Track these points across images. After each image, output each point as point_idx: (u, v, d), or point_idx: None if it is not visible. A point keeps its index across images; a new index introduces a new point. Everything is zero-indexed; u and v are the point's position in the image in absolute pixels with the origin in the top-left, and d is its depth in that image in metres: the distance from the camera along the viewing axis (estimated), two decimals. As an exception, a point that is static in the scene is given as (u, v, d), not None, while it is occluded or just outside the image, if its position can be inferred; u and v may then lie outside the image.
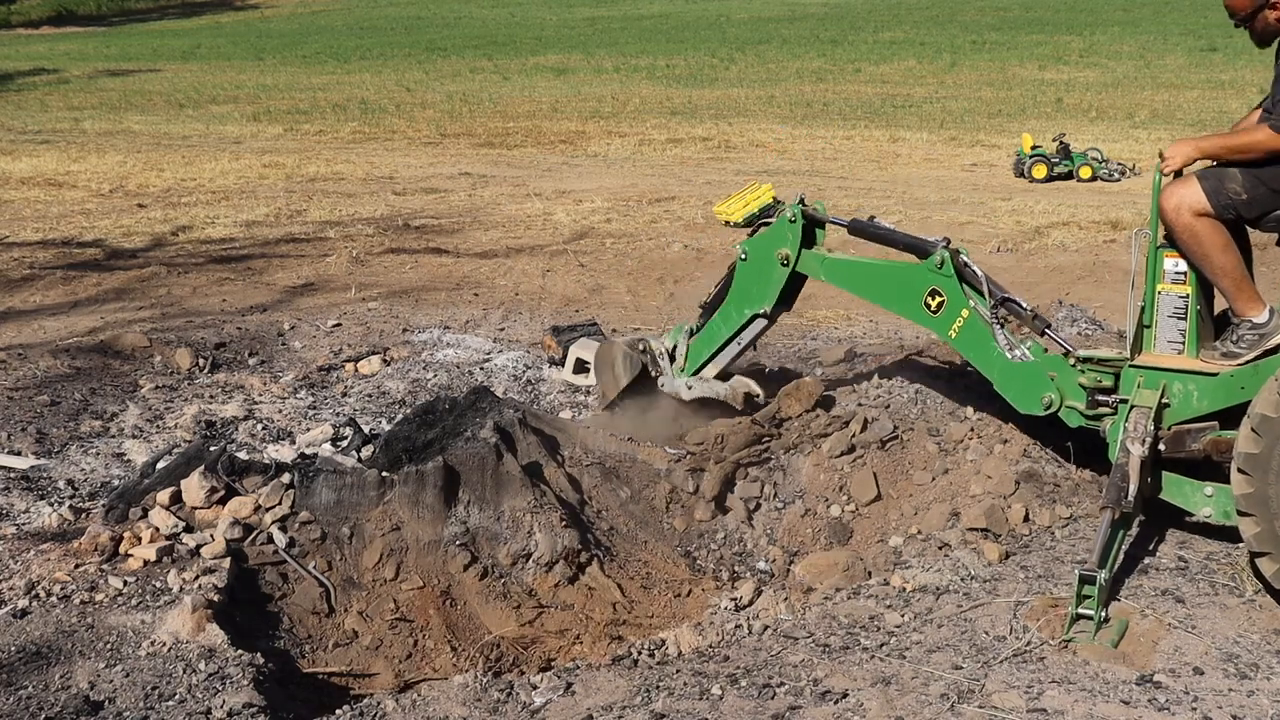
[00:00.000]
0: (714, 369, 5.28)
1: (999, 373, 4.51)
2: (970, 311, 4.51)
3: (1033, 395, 4.43)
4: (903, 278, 4.69)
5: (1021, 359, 4.44)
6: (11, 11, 54.03)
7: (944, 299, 4.55)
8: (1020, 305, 4.61)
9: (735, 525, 5.02)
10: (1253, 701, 3.38)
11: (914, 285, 4.62)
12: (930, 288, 4.58)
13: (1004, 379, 4.51)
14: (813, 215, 4.94)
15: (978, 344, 4.53)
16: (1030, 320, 4.60)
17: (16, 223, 11.86)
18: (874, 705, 3.37)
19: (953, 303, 4.54)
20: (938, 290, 4.56)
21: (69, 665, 3.63)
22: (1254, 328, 4.11)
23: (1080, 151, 14.59)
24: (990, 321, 4.50)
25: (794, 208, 4.92)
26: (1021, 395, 4.48)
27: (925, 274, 4.59)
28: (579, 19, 45.55)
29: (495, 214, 12.35)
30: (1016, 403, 4.51)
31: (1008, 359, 4.46)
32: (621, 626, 4.42)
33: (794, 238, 4.91)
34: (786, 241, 4.93)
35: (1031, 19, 39.51)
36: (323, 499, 4.57)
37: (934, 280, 4.56)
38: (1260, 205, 4.02)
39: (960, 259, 4.57)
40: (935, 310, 4.58)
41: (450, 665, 4.14)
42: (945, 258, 4.53)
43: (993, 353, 4.49)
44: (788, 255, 4.92)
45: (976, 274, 4.57)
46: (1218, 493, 4.06)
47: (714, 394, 5.27)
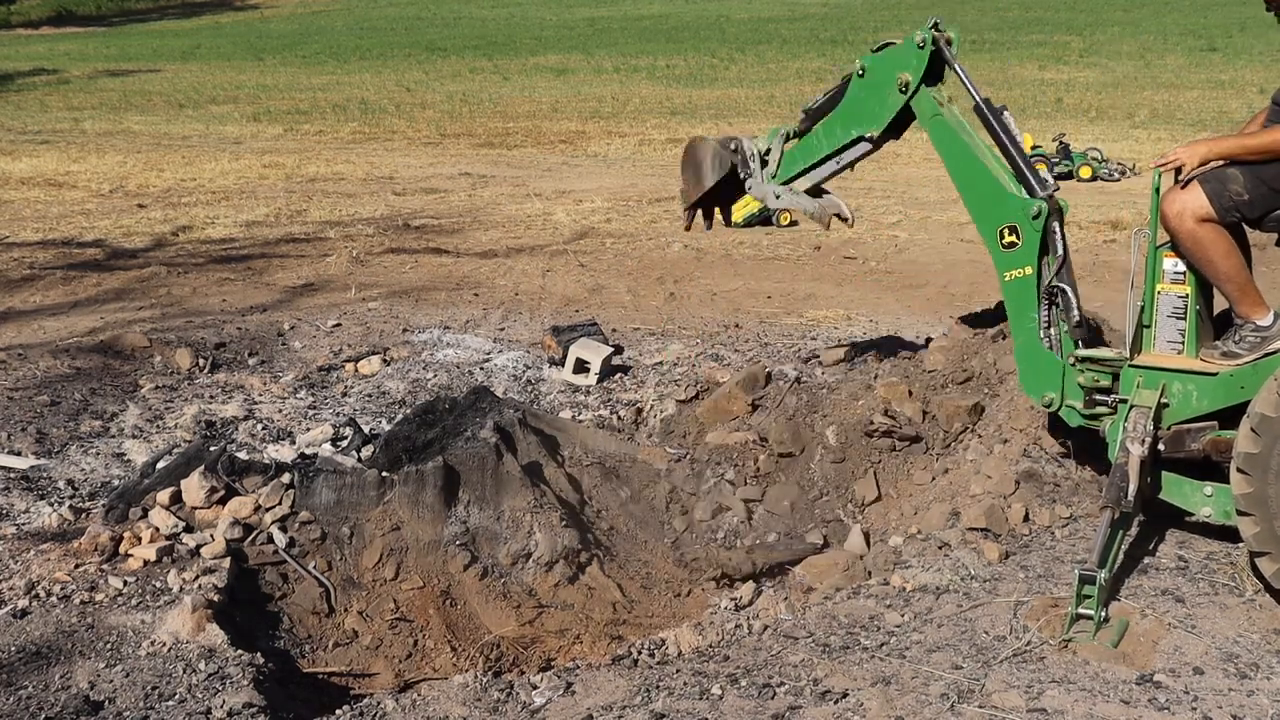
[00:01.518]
0: (807, 182, 4.96)
1: (1023, 342, 4.42)
2: (1034, 271, 4.34)
3: (1039, 385, 4.40)
4: (994, 195, 4.41)
5: (1048, 345, 4.39)
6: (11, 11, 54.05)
7: (1019, 243, 4.34)
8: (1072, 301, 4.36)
9: (735, 525, 5.03)
10: (1253, 701, 3.38)
11: (1001, 210, 4.38)
12: (1011, 223, 4.35)
13: (1024, 351, 4.43)
14: (944, 51, 4.54)
15: (1020, 304, 4.39)
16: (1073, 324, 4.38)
17: (16, 223, 11.86)
18: (874, 705, 3.37)
19: (1023, 252, 4.33)
20: (1018, 230, 4.34)
21: (69, 665, 3.63)
22: (1257, 330, 4.11)
23: (1080, 151, 14.60)
24: (1042, 293, 4.36)
25: (925, 31, 4.52)
26: (1029, 377, 4.44)
27: (1016, 210, 4.34)
28: (579, 19, 45.56)
29: (495, 214, 12.35)
30: (1022, 380, 4.47)
31: (1038, 336, 4.40)
32: (621, 626, 4.42)
33: (919, 64, 4.53)
34: (910, 66, 4.55)
35: (1031, 19, 39.53)
36: (323, 499, 4.57)
37: (1020, 220, 4.33)
38: (1262, 205, 4.02)
39: (1052, 223, 4.35)
40: (1006, 245, 4.37)
41: (450, 665, 4.14)
42: (1043, 209, 4.30)
43: (1029, 321, 4.39)
44: (908, 82, 4.55)
45: (1058, 246, 4.34)
46: (1217, 492, 4.05)
47: (802, 208, 4.97)
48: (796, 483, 5.10)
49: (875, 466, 5.06)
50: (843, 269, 9.92)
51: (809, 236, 11.12)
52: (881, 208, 12.49)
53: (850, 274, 9.71)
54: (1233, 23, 34.62)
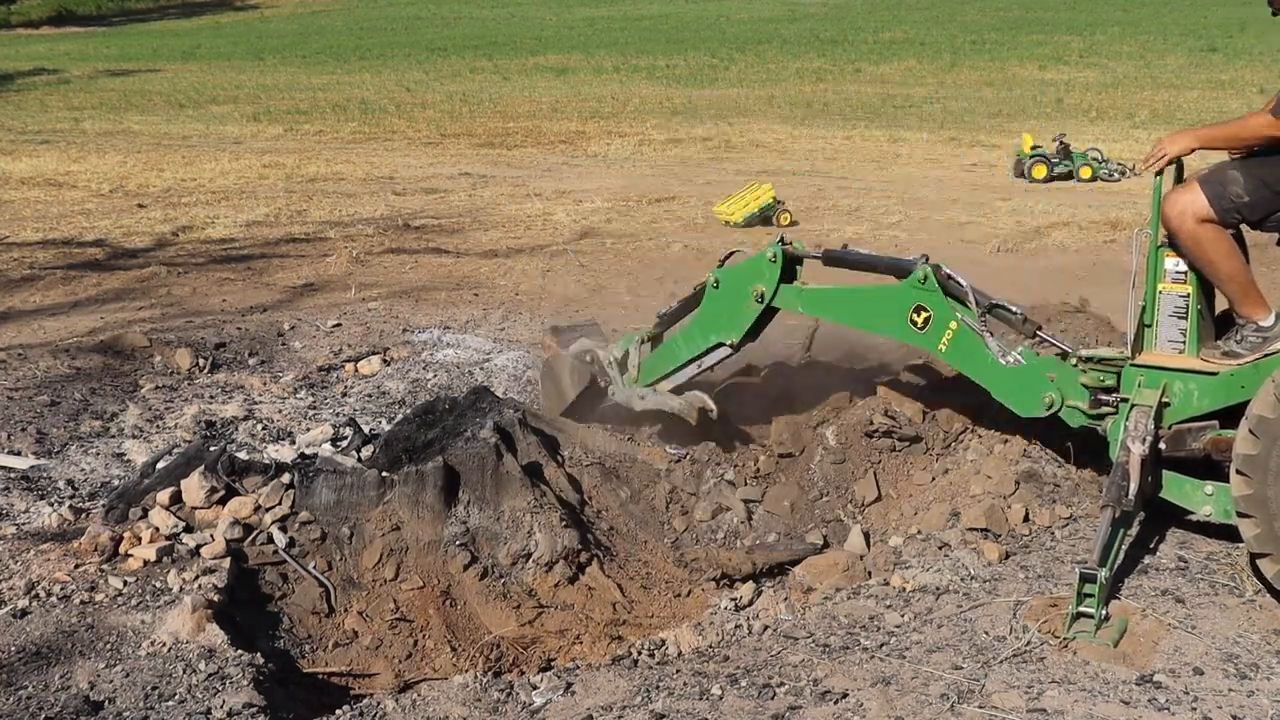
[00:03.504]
0: (669, 384, 5.22)
1: (994, 380, 4.48)
2: (958, 323, 4.47)
3: (1032, 398, 4.41)
4: (886, 299, 4.64)
5: (1015, 364, 4.43)
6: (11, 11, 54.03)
7: (930, 314, 4.50)
8: (1009, 310, 4.57)
9: (735, 525, 5.02)
10: (1253, 701, 3.38)
11: (898, 304, 4.58)
12: (915, 304, 4.53)
13: (1000, 386, 4.48)
14: (793, 253, 4.89)
15: (970, 354, 4.50)
16: (1020, 324, 4.58)
17: (16, 223, 11.86)
18: (874, 705, 3.37)
19: (940, 317, 4.49)
20: (923, 306, 4.51)
21: (69, 665, 3.63)
22: (1258, 330, 4.11)
23: (1080, 151, 14.59)
24: (980, 331, 4.46)
25: (774, 246, 4.85)
26: (1020, 399, 4.46)
27: (909, 291, 4.54)
28: (579, 19, 45.56)
29: (495, 214, 12.35)
30: (1016, 407, 4.49)
31: (1001, 365, 4.44)
32: (621, 626, 4.42)
33: (771, 276, 4.85)
34: (764, 279, 4.87)
35: (1031, 19, 39.52)
36: (323, 499, 4.57)
37: (918, 297, 4.52)
38: (1263, 207, 4.02)
39: (943, 272, 4.53)
40: (922, 327, 4.53)
41: (450, 665, 4.14)
42: (928, 273, 4.49)
43: (986, 361, 4.46)
44: (764, 293, 4.87)
45: (960, 285, 4.52)
46: (1218, 491, 4.06)
47: (668, 407, 5.19)
48: (796, 483, 5.10)
49: (875, 466, 5.07)
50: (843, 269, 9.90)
51: (809, 236, 11.12)
52: (881, 208, 12.49)
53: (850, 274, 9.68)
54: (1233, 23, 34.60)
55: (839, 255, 4.96)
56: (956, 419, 5.13)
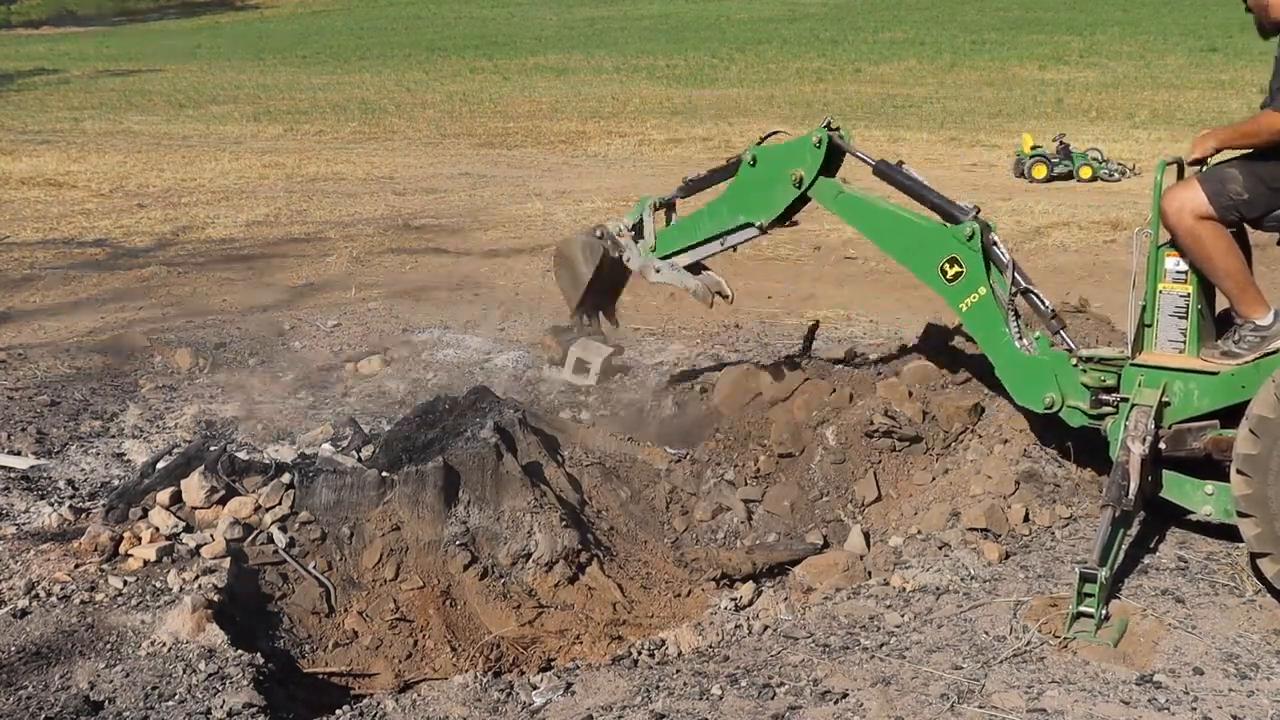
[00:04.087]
0: (688, 259, 5.00)
1: (1004, 359, 4.44)
2: (987, 290, 4.39)
3: (1034, 391, 4.41)
4: (925, 237, 4.49)
5: (1027, 351, 4.41)
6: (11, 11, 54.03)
7: (964, 271, 4.39)
8: (1042, 300, 4.48)
9: (735, 525, 5.02)
10: (1253, 701, 3.38)
11: (936, 248, 4.44)
12: (951, 255, 4.41)
13: (1007, 366, 4.44)
14: (838, 143, 4.66)
15: (987, 325, 4.43)
16: (1048, 319, 4.50)
17: (16, 223, 11.86)
18: (874, 705, 3.37)
19: (972, 277, 4.39)
20: (958, 260, 4.40)
21: (69, 665, 3.63)
22: (1256, 329, 4.11)
23: (1080, 151, 14.59)
24: (1006, 307, 4.41)
25: (819, 130, 4.65)
26: (1022, 388, 4.45)
27: (950, 241, 4.41)
28: (579, 19, 45.55)
29: (495, 214, 12.35)
30: (1015, 393, 4.48)
31: (1015, 347, 4.42)
32: (621, 626, 4.42)
33: (813, 161, 4.63)
34: (804, 163, 4.65)
35: (1031, 19, 39.51)
36: (323, 499, 4.57)
37: (957, 249, 4.40)
38: (1262, 205, 4.02)
39: (990, 236, 4.43)
40: (951, 279, 4.43)
41: (450, 665, 4.14)
42: (975, 231, 4.37)
43: (1001, 337, 4.42)
44: (802, 177, 4.65)
45: (1002, 257, 4.41)
46: (1218, 491, 4.06)
47: (683, 285, 4.99)
48: (796, 483, 5.10)
49: (875, 466, 5.06)
50: (843, 269, 9.91)
51: (809, 237, 11.12)
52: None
53: (850, 274, 9.70)
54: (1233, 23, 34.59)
55: (891, 172, 4.67)
56: (956, 419, 5.13)
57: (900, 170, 4.68)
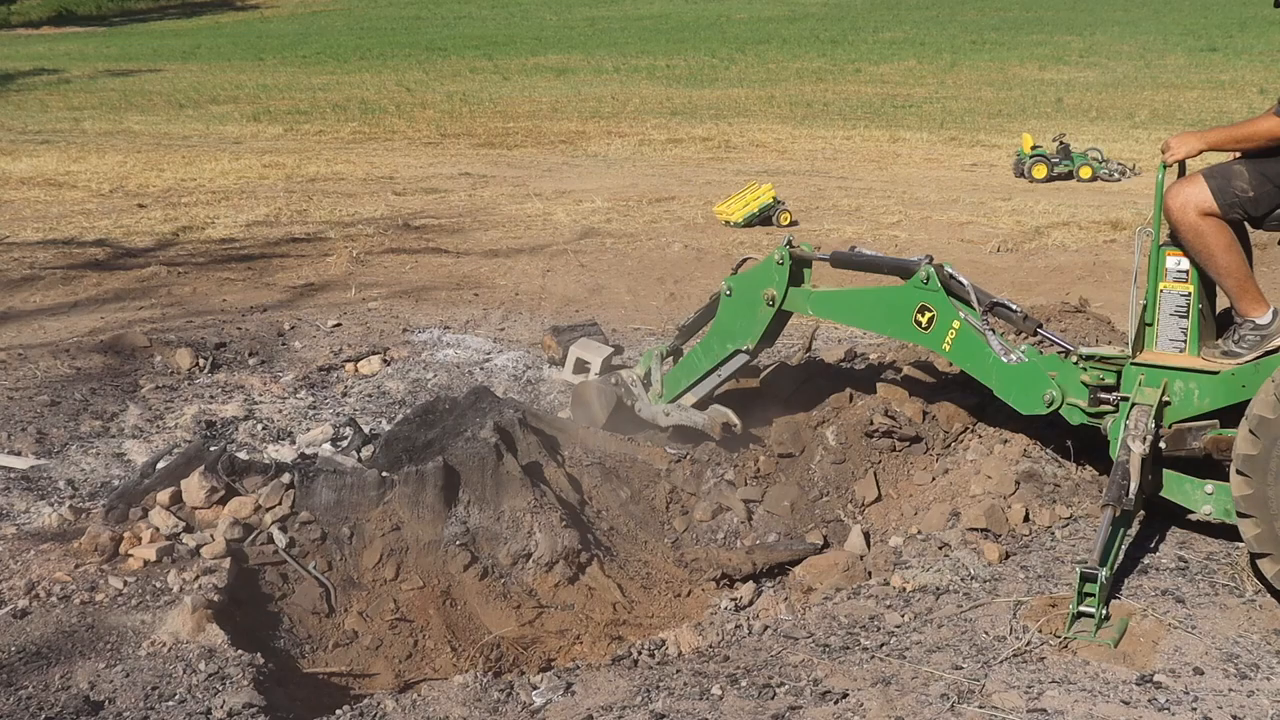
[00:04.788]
0: (692, 399, 5.28)
1: (997, 378, 4.50)
2: (961, 323, 4.51)
3: (1034, 395, 4.42)
4: (890, 300, 4.70)
5: (1017, 362, 4.44)
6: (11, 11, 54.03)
7: (934, 314, 4.55)
8: (1010, 308, 4.61)
9: (735, 525, 5.02)
10: (1253, 701, 3.38)
11: (903, 305, 4.63)
12: (919, 304, 4.58)
13: (1003, 384, 4.50)
14: (800, 255, 4.94)
15: (973, 353, 4.53)
16: (1021, 322, 4.61)
17: (16, 223, 11.86)
18: (874, 705, 3.37)
19: (943, 316, 4.54)
20: (927, 306, 4.56)
21: (69, 665, 3.63)
22: (1256, 328, 4.11)
23: (1080, 151, 14.58)
24: (982, 329, 4.50)
25: (781, 250, 4.92)
26: (1022, 397, 4.47)
27: (912, 292, 4.59)
28: (579, 19, 45.55)
29: (495, 214, 12.35)
30: (1018, 405, 4.50)
31: (1004, 364, 4.45)
32: (621, 626, 4.42)
33: (780, 279, 4.92)
34: (773, 282, 4.94)
35: (1031, 19, 39.52)
36: (323, 499, 4.57)
37: (922, 297, 4.57)
38: (1267, 203, 4.02)
39: (945, 272, 4.59)
40: (926, 327, 4.58)
41: (450, 665, 4.14)
42: (930, 273, 4.54)
43: (989, 360, 4.49)
44: (774, 296, 4.93)
45: (963, 284, 4.58)
46: (1218, 490, 4.06)
47: (691, 423, 5.26)
48: (796, 483, 5.10)
49: (875, 466, 5.07)
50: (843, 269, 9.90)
51: (809, 237, 11.12)
52: (881, 208, 12.49)
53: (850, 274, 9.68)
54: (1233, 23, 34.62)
55: (845, 257, 5.03)
56: (956, 419, 5.14)
57: (853, 253, 5.05)
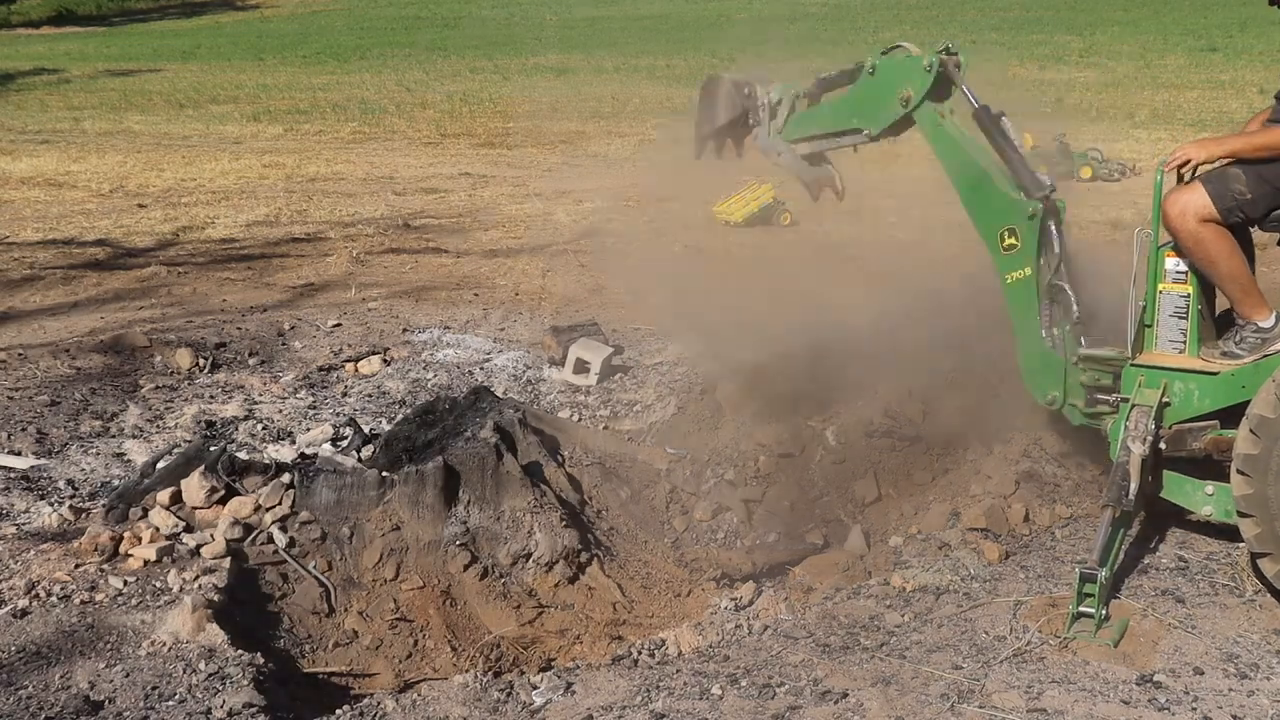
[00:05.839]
0: (809, 148, 5.02)
1: (1027, 343, 4.43)
2: (1033, 272, 4.38)
3: (1041, 384, 4.41)
4: (995, 201, 4.48)
5: (1050, 345, 4.39)
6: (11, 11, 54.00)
7: (1018, 245, 4.38)
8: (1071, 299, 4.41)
9: (735, 525, 5.02)
10: (1253, 701, 3.38)
11: (1001, 214, 4.44)
12: (1011, 225, 4.40)
13: (1028, 352, 4.44)
14: (951, 74, 4.63)
15: (1023, 304, 4.42)
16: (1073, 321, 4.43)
17: (16, 223, 11.85)
18: (874, 705, 3.37)
19: (1023, 253, 4.38)
20: (1016, 232, 4.39)
21: (69, 665, 3.63)
22: (1258, 331, 4.10)
23: (1080, 151, 14.57)
24: (1043, 295, 4.39)
25: (934, 56, 4.61)
26: (1033, 376, 4.45)
27: (1014, 212, 4.39)
28: (579, 19, 45.53)
29: (495, 214, 12.34)
30: (1025, 379, 4.48)
31: (1040, 336, 4.40)
32: (621, 626, 4.42)
33: (921, 84, 4.61)
34: (915, 84, 4.63)
35: (1031, 19, 39.49)
36: (323, 499, 4.57)
37: (1018, 222, 4.39)
38: (1265, 204, 4.02)
39: (1051, 221, 4.39)
40: (1006, 248, 4.42)
41: (450, 665, 4.14)
42: (1039, 211, 4.35)
43: (1031, 321, 4.40)
44: (909, 98, 4.64)
45: (1054, 245, 4.38)
46: (1218, 491, 4.06)
47: (798, 173, 5.03)
48: (796, 483, 5.10)
49: (875, 466, 5.06)
50: (843, 269, 9.90)
51: (809, 237, 11.11)
52: (882, 208, 12.47)
53: (850, 274, 9.68)
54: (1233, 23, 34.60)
55: (989, 123, 4.62)
56: (956, 419, 5.13)
57: (997, 124, 4.62)
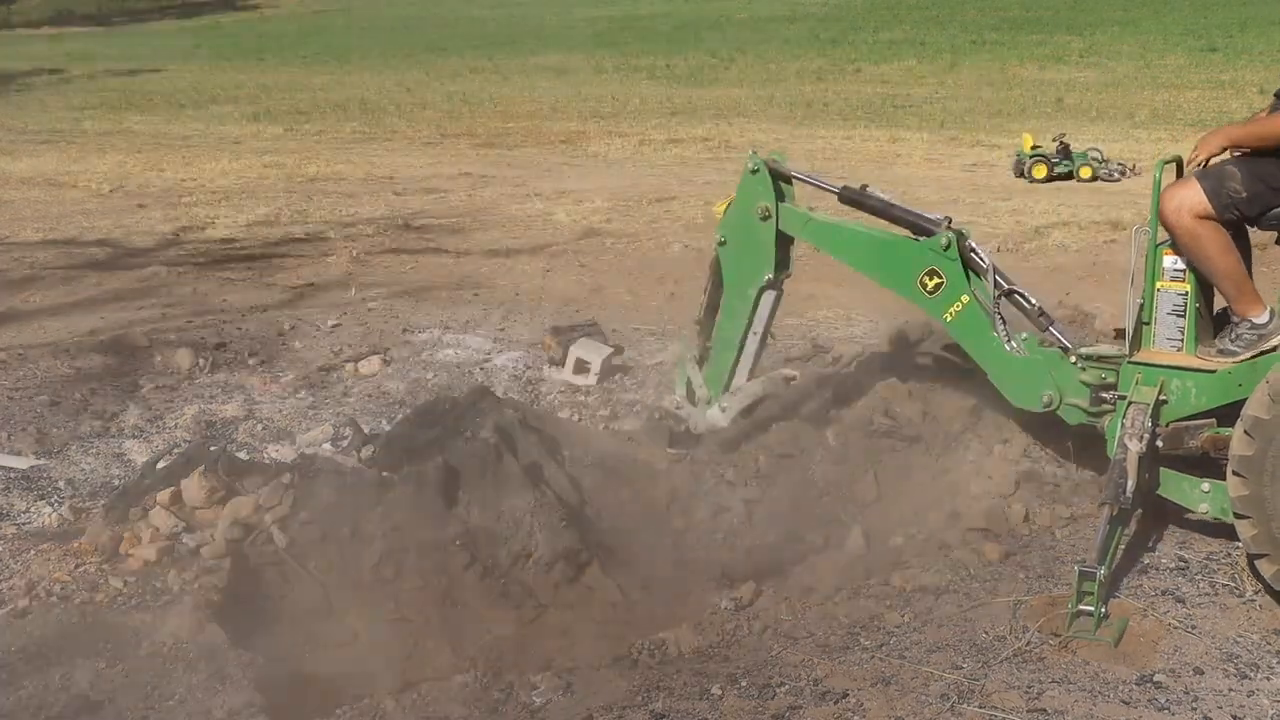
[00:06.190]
0: (743, 375, 4.96)
1: (995, 364, 4.41)
2: (970, 298, 4.37)
3: (1031, 391, 4.39)
4: (899, 253, 4.46)
5: (1018, 353, 4.39)
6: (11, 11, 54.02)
7: (943, 281, 4.36)
8: (1027, 299, 4.47)
9: (735, 525, 5.02)
10: (1253, 701, 3.38)
11: (912, 262, 4.42)
12: (929, 267, 4.38)
13: (1000, 371, 4.42)
14: (775, 167, 4.62)
15: (975, 331, 4.40)
16: (1035, 317, 4.49)
17: (16, 223, 11.85)
18: (874, 705, 3.37)
19: (953, 286, 4.37)
20: (937, 272, 4.37)
21: (69, 665, 3.63)
22: (1253, 328, 4.11)
23: (1080, 151, 14.57)
24: (991, 312, 4.39)
25: (751, 156, 4.61)
26: (1018, 390, 4.43)
27: (925, 253, 4.38)
28: (579, 19, 45.52)
29: (495, 214, 12.35)
30: (1013, 397, 4.46)
31: (1005, 352, 4.40)
32: (621, 626, 4.42)
33: (764, 188, 4.59)
34: (758, 194, 4.62)
35: (1031, 19, 39.48)
36: (323, 499, 4.57)
37: (934, 261, 4.36)
38: (1260, 203, 4.03)
39: (966, 243, 4.41)
40: (932, 291, 4.40)
41: (450, 665, 4.14)
42: (951, 240, 4.35)
43: (990, 343, 4.39)
44: (767, 208, 4.61)
45: (982, 261, 4.40)
46: (1214, 489, 4.06)
47: (753, 398, 4.98)
48: (796, 483, 5.10)
49: (875, 466, 5.06)
50: (843, 269, 9.88)
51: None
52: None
53: (850, 274, 9.66)
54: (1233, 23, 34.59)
55: (856, 195, 4.63)
56: (956, 419, 5.13)
57: (866, 194, 4.65)
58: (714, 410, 5.03)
